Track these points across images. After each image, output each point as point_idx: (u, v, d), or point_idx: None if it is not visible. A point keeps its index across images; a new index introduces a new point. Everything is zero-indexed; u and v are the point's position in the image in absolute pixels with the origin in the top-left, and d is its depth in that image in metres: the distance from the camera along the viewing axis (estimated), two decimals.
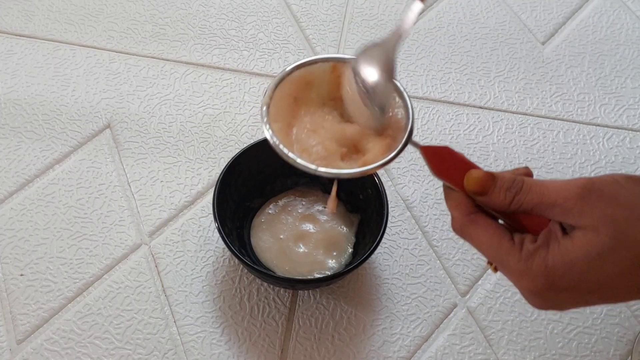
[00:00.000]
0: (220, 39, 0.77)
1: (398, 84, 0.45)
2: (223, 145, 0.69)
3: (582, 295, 0.37)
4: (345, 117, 0.46)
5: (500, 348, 0.57)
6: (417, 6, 0.43)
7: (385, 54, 0.43)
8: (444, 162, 0.41)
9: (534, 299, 0.38)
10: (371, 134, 0.45)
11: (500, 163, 0.69)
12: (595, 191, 0.36)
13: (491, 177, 0.39)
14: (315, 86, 0.47)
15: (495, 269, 0.41)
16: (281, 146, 0.43)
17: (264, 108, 0.44)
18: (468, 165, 0.41)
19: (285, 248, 0.59)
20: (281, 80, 0.46)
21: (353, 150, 0.45)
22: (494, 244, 0.39)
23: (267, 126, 0.44)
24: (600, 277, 0.36)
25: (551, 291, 0.37)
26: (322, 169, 0.42)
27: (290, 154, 0.42)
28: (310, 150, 0.44)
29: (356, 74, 0.43)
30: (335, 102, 0.47)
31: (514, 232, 0.39)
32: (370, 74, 0.43)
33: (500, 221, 0.41)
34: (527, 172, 0.41)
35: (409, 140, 0.43)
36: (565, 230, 0.37)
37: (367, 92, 0.43)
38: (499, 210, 0.40)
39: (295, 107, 0.46)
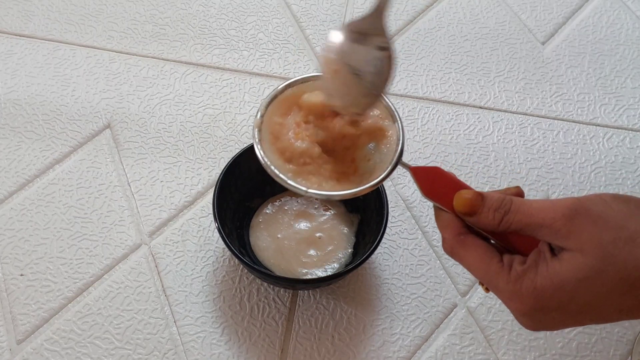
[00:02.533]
0: (220, 39, 0.77)
1: (389, 104, 0.45)
2: (223, 145, 0.69)
3: (571, 316, 0.37)
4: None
5: (500, 348, 0.57)
6: None
7: (371, 25, 0.42)
8: (434, 183, 0.41)
9: (524, 320, 0.39)
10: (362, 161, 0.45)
11: (500, 163, 0.69)
12: (583, 212, 0.36)
13: (480, 197, 0.39)
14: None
15: (487, 289, 0.41)
16: (272, 167, 0.43)
17: (256, 130, 0.45)
18: (458, 186, 0.41)
19: (282, 247, 0.59)
20: (273, 99, 0.46)
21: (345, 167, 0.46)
22: (483, 265, 0.39)
23: (259, 146, 0.44)
24: (589, 298, 0.36)
25: (540, 312, 0.37)
26: (312, 191, 0.43)
27: (281, 175, 0.43)
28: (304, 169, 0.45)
29: (340, 52, 0.42)
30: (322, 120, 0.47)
31: (504, 252, 0.40)
32: (356, 49, 0.42)
33: (493, 241, 0.41)
34: (518, 192, 0.41)
35: (399, 161, 0.43)
36: (553, 251, 0.38)
37: (357, 68, 0.42)
38: (488, 231, 0.40)
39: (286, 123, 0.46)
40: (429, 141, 0.70)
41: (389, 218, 0.59)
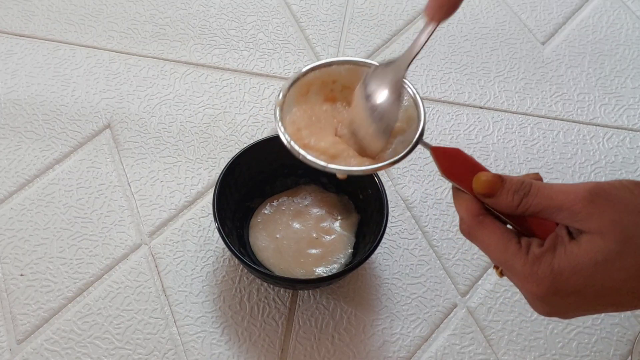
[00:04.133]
0: (220, 39, 0.77)
1: (409, 85, 0.45)
2: (223, 145, 0.69)
3: (587, 301, 0.37)
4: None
5: (500, 348, 0.57)
6: (430, 27, 0.44)
7: (396, 74, 0.44)
8: (454, 164, 0.41)
9: (539, 304, 0.38)
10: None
11: (500, 163, 0.69)
12: (604, 195, 0.36)
13: (499, 179, 0.39)
14: (335, 85, 0.47)
15: (501, 274, 0.41)
16: (292, 143, 0.43)
17: (277, 109, 0.45)
18: (477, 168, 0.41)
19: (280, 247, 0.59)
20: (296, 80, 0.46)
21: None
22: (501, 246, 0.38)
23: (280, 124, 0.44)
24: (606, 282, 0.36)
25: (556, 296, 0.37)
26: (332, 166, 0.42)
27: (301, 151, 0.43)
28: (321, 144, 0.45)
29: (366, 91, 0.44)
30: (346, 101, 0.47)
31: (521, 236, 0.39)
32: (379, 93, 0.44)
33: (509, 226, 0.41)
34: (537, 177, 0.41)
35: (419, 140, 0.43)
36: (572, 234, 0.37)
37: (374, 110, 0.44)
38: (506, 213, 0.40)
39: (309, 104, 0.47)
40: (429, 141, 0.70)
41: (389, 218, 0.59)
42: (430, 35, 0.44)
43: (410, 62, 0.44)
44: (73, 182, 0.65)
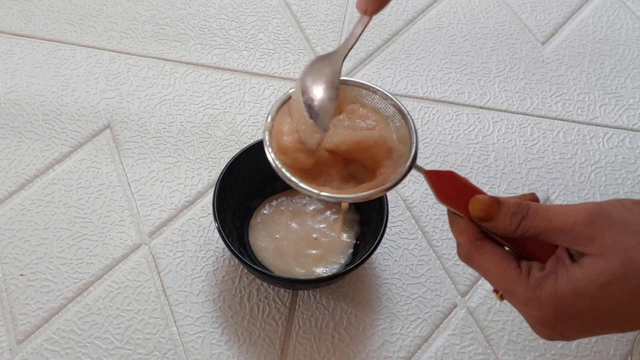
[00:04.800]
0: (220, 39, 0.77)
1: (401, 106, 0.45)
2: (223, 145, 0.69)
3: (591, 324, 0.37)
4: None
5: (500, 348, 0.57)
6: (364, 19, 0.44)
7: (331, 68, 0.44)
8: (449, 187, 0.40)
9: (541, 329, 0.38)
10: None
11: (500, 163, 0.69)
12: (604, 217, 0.35)
13: (496, 202, 0.38)
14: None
15: (502, 297, 0.40)
16: (284, 170, 0.43)
17: (267, 133, 0.44)
18: (473, 190, 0.40)
19: (280, 247, 0.59)
20: (284, 102, 0.46)
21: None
22: (501, 271, 0.38)
23: (270, 150, 0.44)
24: (611, 305, 0.35)
25: (559, 320, 0.36)
26: (324, 194, 0.42)
27: (293, 178, 0.43)
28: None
29: (302, 88, 0.44)
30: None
31: (520, 259, 0.39)
32: (315, 88, 0.44)
33: (507, 248, 0.40)
34: (533, 198, 0.40)
35: (412, 164, 0.43)
36: (573, 257, 0.37)
37: (310, 107, 0.44)
38: (504, 237, 0.39)
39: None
40: (429, 141, 0.70)
41: (389, 218, 0.59)
42: (365, 27, 0.44)
43: (346, 55, 0.44)
44: (73, 182, 0.65)
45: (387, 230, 0.62)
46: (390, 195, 0.64)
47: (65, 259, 0.61)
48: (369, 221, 0.59)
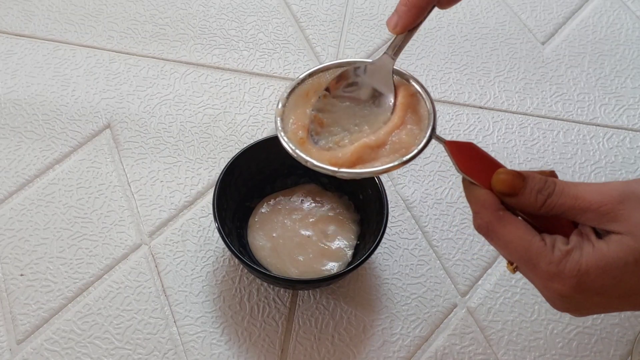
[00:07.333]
0: (220, 39, 0.77)
1: (417, 80, 0.45)
2: (223, 145, 0.69)
3: (610, 301, 0.36)
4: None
5: (500, 348, 0.57)
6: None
7: (385, 71, 0.45)
8: (470, 159, 0.39)
9: (561, 302, 0.37)
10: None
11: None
12: (632, 196, 0.35)
13: (521, 177, 0.38)
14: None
15: (515, 270, 0.39)
16: (298, 151, 0.43)
17: (278, 119, 0.44)
18: (493, 163, 0.39)
19: (277, 246, 0.59)
20: (294, 88, 0.46)
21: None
22: (524, 244, 0.37)
23: (282, 134, 0.44)
24: (634, 283, 0.35)
25: (581, 294, 0.36)
26: (342, 170, 0.42)
27: (309, 159, 0.42)
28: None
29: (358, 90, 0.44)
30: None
31: (541, 232, 0.38)
32: (368, 90, 0.45)
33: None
34: (553, 174, 0.40)
35: (432, 135, 0.42)
36: (598, 233, 0.37)
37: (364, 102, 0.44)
38: (527, 212, 0.38)
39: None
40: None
41: (389, 218, 0.59)
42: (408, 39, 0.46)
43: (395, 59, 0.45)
44: (73, 182, 0.65)
45: (387, 230, 0.62)
46: (390, 195, 0.64)
47: (65, 259, 0.61)
48: (369, 221, 0.59)
